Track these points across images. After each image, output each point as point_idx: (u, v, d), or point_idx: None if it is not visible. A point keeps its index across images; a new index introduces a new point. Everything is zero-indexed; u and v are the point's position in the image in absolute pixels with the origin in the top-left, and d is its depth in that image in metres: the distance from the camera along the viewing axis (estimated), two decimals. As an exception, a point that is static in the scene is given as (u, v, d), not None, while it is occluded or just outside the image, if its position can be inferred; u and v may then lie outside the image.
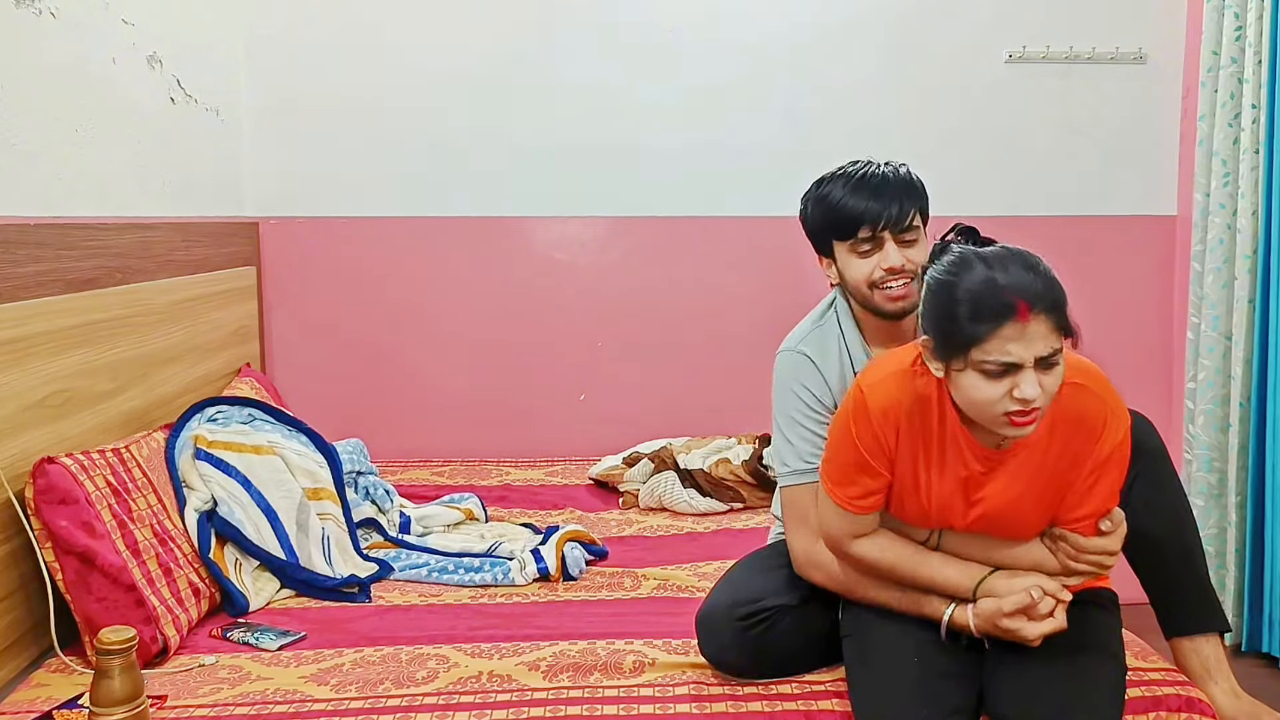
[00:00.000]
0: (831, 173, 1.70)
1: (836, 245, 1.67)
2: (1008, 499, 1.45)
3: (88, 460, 1.76)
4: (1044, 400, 1.32)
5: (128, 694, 1.34)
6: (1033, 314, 1.29)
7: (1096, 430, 1.42)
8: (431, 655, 1.73)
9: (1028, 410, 1.31)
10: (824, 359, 1.69)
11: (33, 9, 1.90)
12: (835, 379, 1.69)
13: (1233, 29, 2.69)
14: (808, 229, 1.72)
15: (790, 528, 1.66)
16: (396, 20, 2.98)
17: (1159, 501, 1.71)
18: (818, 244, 1.72)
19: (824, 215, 1.67)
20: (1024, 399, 1.30)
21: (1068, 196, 3.12)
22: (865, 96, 3.05)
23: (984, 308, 1.30)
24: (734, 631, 1.59)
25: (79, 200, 2.06)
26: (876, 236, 1.63)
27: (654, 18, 3.01)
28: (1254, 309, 2.66)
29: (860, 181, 1.64)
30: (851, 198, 1.63)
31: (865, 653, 1.53)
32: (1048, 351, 1.30)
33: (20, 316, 1.74)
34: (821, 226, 1.68)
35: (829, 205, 1.65)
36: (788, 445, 1.68)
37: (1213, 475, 2.80)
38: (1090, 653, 1.47)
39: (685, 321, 3.09)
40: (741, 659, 1.60)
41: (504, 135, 3.01)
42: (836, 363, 1.70)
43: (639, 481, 2.66)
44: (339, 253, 3.03)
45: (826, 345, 1.71)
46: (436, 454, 3.03)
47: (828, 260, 1.71)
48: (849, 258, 1.66)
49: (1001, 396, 1.31)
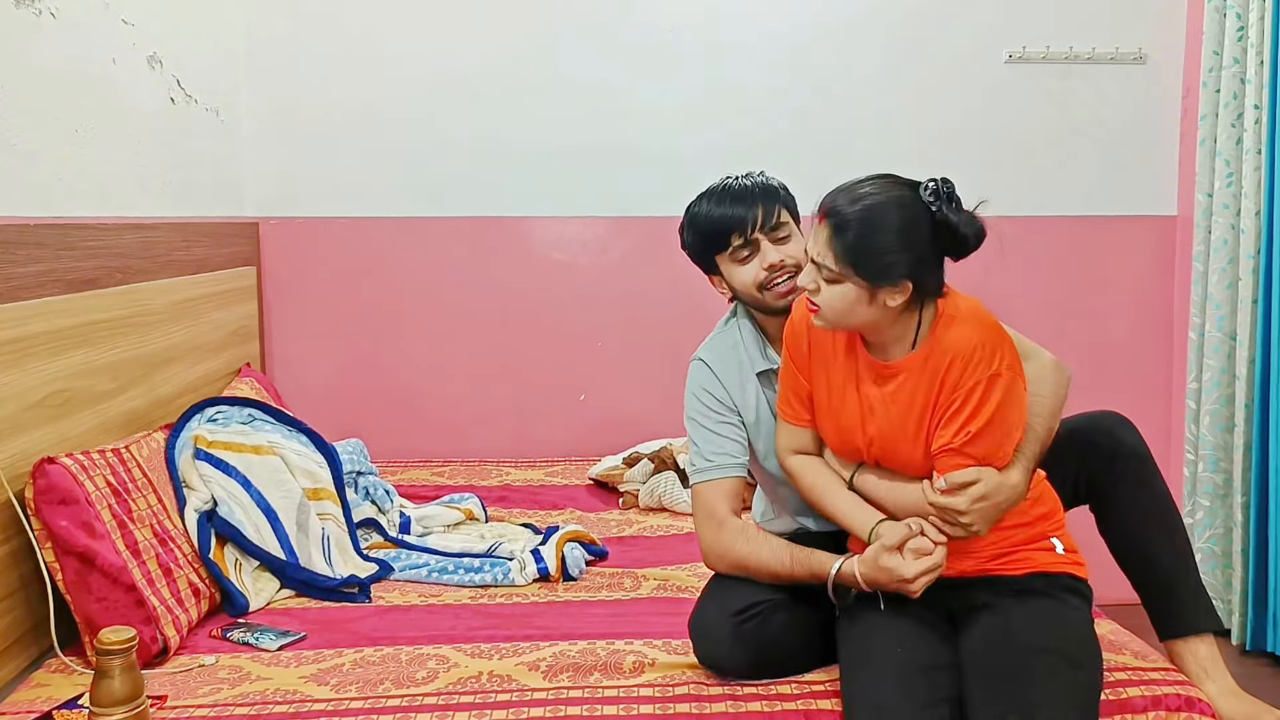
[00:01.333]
0: (699, 194, 1.77)
1: (719, 259, 1.74)
2: (891, 421, 1.52)
3: (88, 460, 1.76)
4: (820, 300, 1.47)
5: (128, 694, 1.34)
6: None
7: (967, 360, 1.45)
8: (431, 655, 1.73)
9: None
10: (721, 364, 1.76)
11: (33, 9, 1.90)
12: (734, 381, 1.75)
13: (1234, 29, 2.69)
14: (691, 254, 1.79)
15: (698, 523, 1.72)
16: (397, 21, 2.98)
17: (1143, 501, 1.73)
18: (703, 264, 1.78)
19: (698, 233, 1.74)
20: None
21: (1068, 196, 3.11)
22: (865, 96, 3.05)
23: None
24: (730, 629, 1.60)
25: (79, 200, 2.06)
26: (750, 240, 1.70)
27: (654, 18, 3.01)
28: (1258, 309, 2.66)
29: (722, 194, 1.72)
30: (717, 209, 1.71)
31: (852, 650, 1.54)
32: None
33: (20, 316, 1.74)
34: (700, 245, 1.75)
35: (700, 223, 1.74)
36: (693, 447, 1.75)
37: (1218, 475, 2.80)
38: (1059, 655, 1.45)
39: (685, 322, 3.07)
40: (739, 657, 1.60)
41: (504, 135, 3.01)
42: (735, 367, 1.76)
43: (639, 481, 2.65)
44: (339, 253, 3.03)
45: (724, 352, 1.78)
46: (436, 454, 3.03)
47: (717, 278, 1.78)
48: (732, 267, 1.73)
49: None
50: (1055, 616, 1.50)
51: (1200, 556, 2.83)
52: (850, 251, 1.41)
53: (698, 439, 1.74)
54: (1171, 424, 3.11)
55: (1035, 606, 1.51)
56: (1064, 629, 1.49)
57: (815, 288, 1.47)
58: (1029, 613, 1.50)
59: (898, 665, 1.46)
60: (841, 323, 1.48)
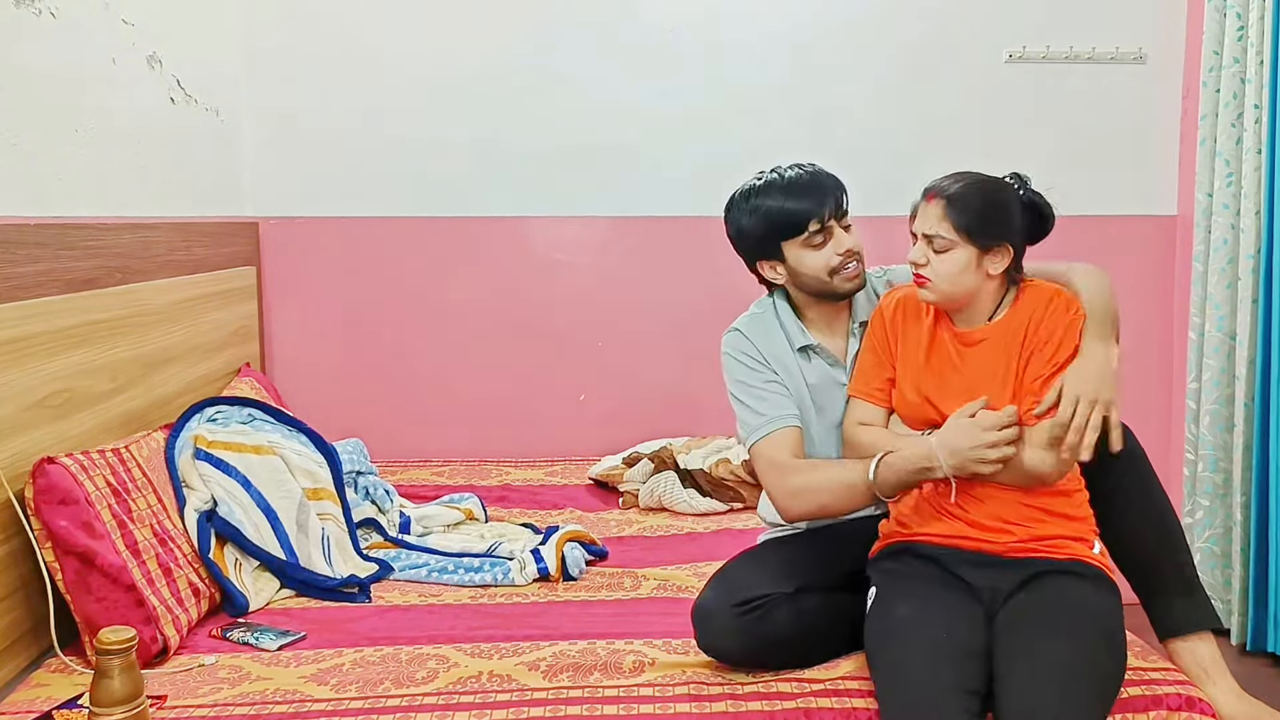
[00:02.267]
0: (753, 186, 1.83)
1: (787, 245, 1.79)
2: (976, 380, 1.64)
3: (88, 460, 1.76)
4: (930, 272, 1.62)
5: (128, 694, 1.34)
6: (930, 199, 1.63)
7: (1047, 305, 1.66)
8: (431, 655, 1.73)
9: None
10: (759, 335, 1.83)
11: (33, 9, 1.90)
12: (772, 352, 1.81)
13: (1234, 29, 2.69)
14: (747, 239, 1.83)
15: (766, 479, 1.74)
16: (397, 21, 2.97)
17: (1142, 504, 1.74)
18: (762, 250, 1.82)
19: (769, 221, 1.79)
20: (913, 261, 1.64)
21: (1068, 196, 3.09)
22: (865, 96, 3.05)
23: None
24: (731, 619, 1.61)
25: (79, 200, 2.06)
26: (825, 227, 1.77)
27: (654, 18, 3.01)
28: (1258, 309, 2.66)
29: (794, 184, 1.79)
30: (793, 200, 1.77)
31: (887, 625, 1.54)
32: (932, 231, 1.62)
33: (20, 316, 1.74)
34: (767, 232, 1.80)
35: (773, 211, 1.79)
36: (744, 408, 1.78)
37: (1218, 475, 2.80)
38: (1090, 617, 1.50)
39: (685, 322, 3.09)
40: (739, 647, 1.62)
41: (504, 135, 3.01)
42: (774, 339, 1.83)
43: (639, 481, 2.65)
44: (339, 253, 3.03)
45: (762, 326, 1.84)
46: (436, 454, 3.03)
47: (772, 262, 1.82)
48: (803, 253, 1.78)
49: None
50: (1094, 599, 1.53)
51: (1200, 556, 2.83)
52: (964, 217, 1.60)
53: (747, 399, 1.77)
54: (1172, 424, 3.11)
55: (1075, 585, 1.54)
56: (1101, 614, 1.52)
57: (925, 261, 1.62)
58: (1068, 588, 1.53)
59: (932, 646, 1.47)
60: (950, 290, 1.62)
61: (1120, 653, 1.51)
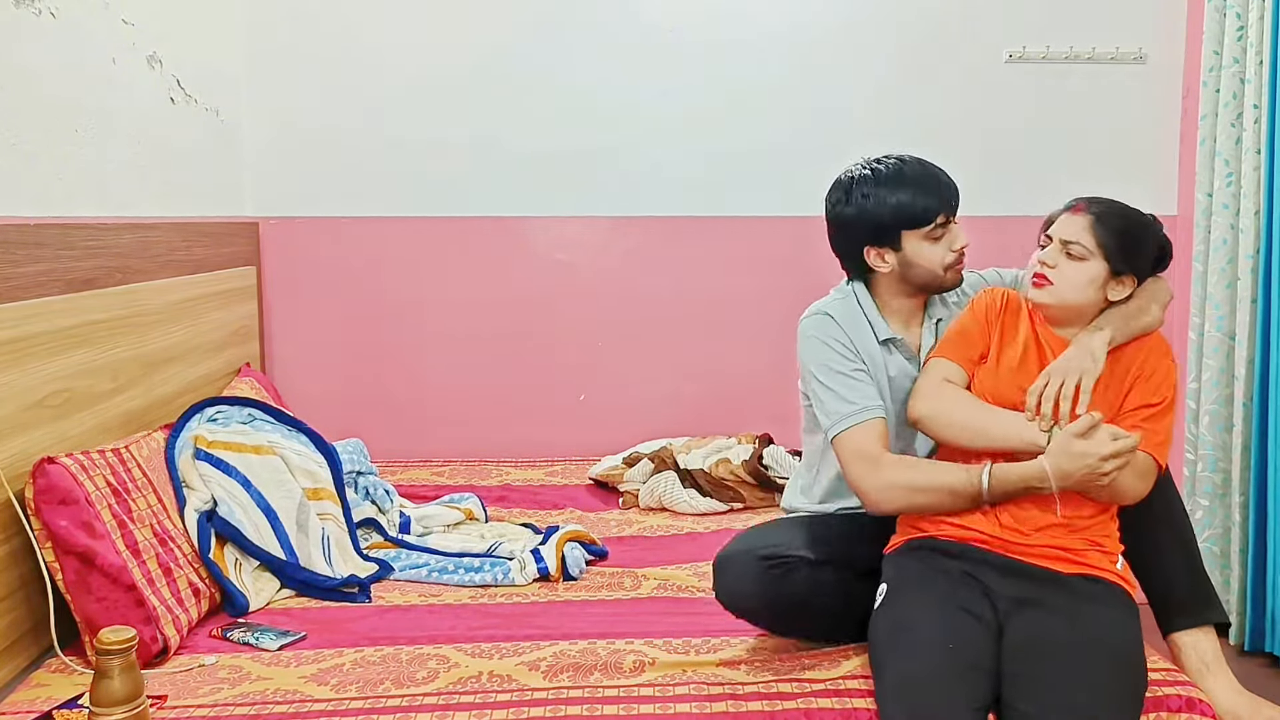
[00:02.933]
0: (875, 172, 1.81)
1: (907, 235, 1.78)
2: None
3: (88, 460, 1.76)
4: (1057, 275, 1.68)
5: (128, 694, 1.34)
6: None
7: (1155, 345, 1.71)
8: (432, 655, 1.73)
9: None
10: (847, 321, 1.81)
11: (33, 9, 1.89)
12: (859, 341, 1.80)
13: (1234, 29, 2.69)
14: (863, 224, 1.80)
15: (854, 470, 1.70)
16: (397, 20, 2.98)
17: (1152, 497, 1.72)
18: (878, 237, 1.80)
19: (898, 210, 1.77)
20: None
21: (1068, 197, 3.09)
22: (865, 96, 3.05)
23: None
24: (754, 568, 1.64)
25: (79, 200, 2.06)
26: (946, 223, 1.80)
27: (654, 18, 3.01)
28: (1257, 309, 2.66)
29: (921, 177, 1.80)
30: (921, 193, 1.78)
31: (894, 631, 1.54)
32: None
33: (20, 316, 1.74)
34: (893, 220, 1.78)
35: (904, 202, 1.77)
36: (831, 394, 1.75)
37: (1217, 475, 2.79)
38: (1110, 656, 1.48)
39: (685, 321, 3.09)
40: (753, 595, 1.65)
41: (504, 135, 3.01)
42: (860, 329, 1.81)
43: (639, 481, 2.65)
44: (339, 253, 3.03)
45: (849, 315, 1.82)
46: (436, 454, 3.03)
47: (884, 250, 1.80)
48: (922, 245, 1.79)
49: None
50: (1111, 622, 1.52)
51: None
52: (1109, 235, 1.67)
53: (836, 385, 1.74)
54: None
55: (1092, 609, 1.53)
56: (1121, 637, 1.51)
57: (1055, 264, 1.69)
58: (1084, 612, 1.52)
59: (940, 661, 1.46)
60: (1070, 299, 1.68)
61: (1139, 675, 1.49)
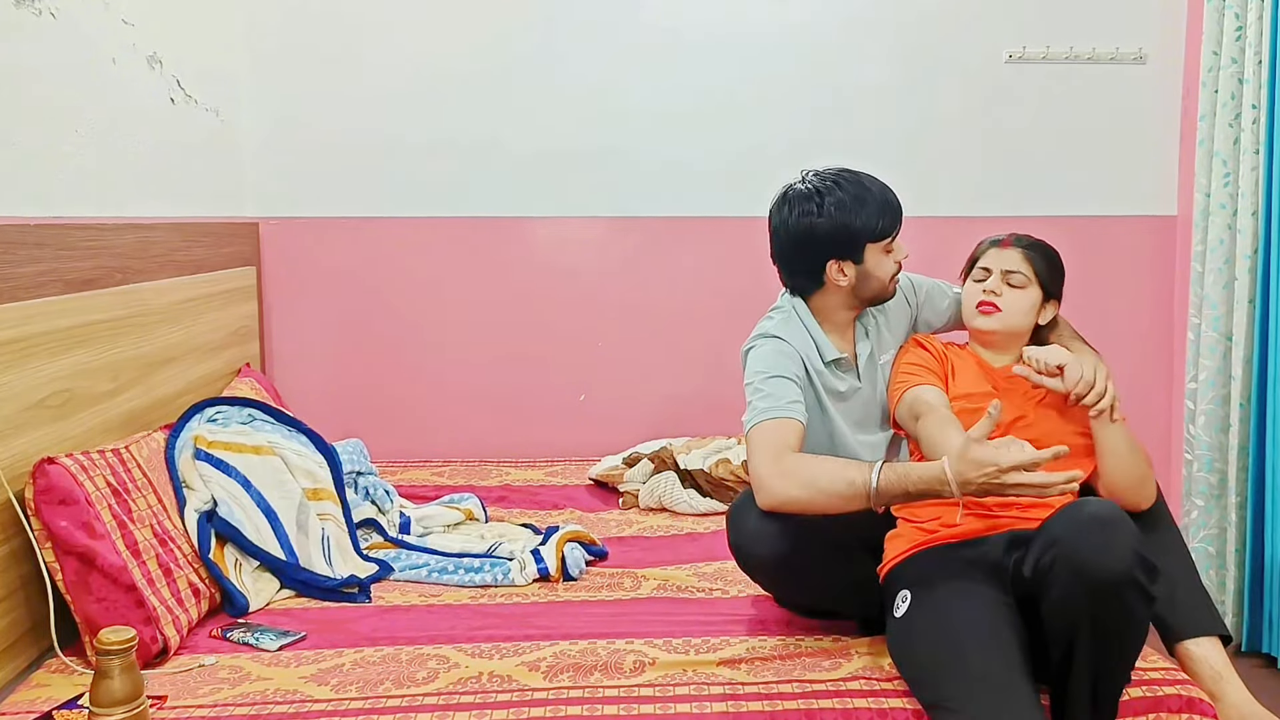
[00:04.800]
0: (838, 183, 1.82)
1: (871, 248, 1.82)
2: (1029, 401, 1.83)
3: (88, 460, 1.76)
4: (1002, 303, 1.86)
5: (128, 694, 1.34)
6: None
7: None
8: (432, 655, 1.73)
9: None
10: (800, 345, 1.84)
11: (33, 9, 1.89)
12: (810, 363, 1.83)
13: (1233, 29, 2.69)
14: (831, 237, 1.81)
15: (757, 455, 1.67)
16: (397, 20, 2.97)
17: (1148, 513, 1.77)
18: (842, 250, 1.82)
19: (868, 220, 1.80)
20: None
21: (1068, 196, 3.12)
22: (865, 97, 3.05)
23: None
24: (767, 517, 1.64)
25: (79, 200, 2.06)
26: (895, 235, 1.85)
27: (654, 18, 3.01)
28: (1254, 309, 2.66)
29: (882, 189, 1.83)
30: (886, 205, 1.82)
31: (944, 624, 1.54)
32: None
33: (20, 316, 1.74)
34: (860, 232, 1.81)
35: (872, 212, 1.80)
36: (758, 394, 1.76)
37: (1213, 475, 2.80)
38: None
39: (685, 322, 3.09)
40: (772, 542, 1.65)
41: (504, 135, 3.01)
42: (809, 352, 1.84)
43: (639, 482, 2.65)
44: (339, 253, 3.03)
45: (797, 337, 1.85)
46: (436, 454, 3.03)
47: (845, 263, 1.83)
48: (881, 257, 1.84)
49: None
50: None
51: (1195, 557, 2.82)
52: (1041, 265, 1.86)
53: (769, 387, 1.75)
54: (1172, 424, 3.12)
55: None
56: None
57: (1000, 293, 1.85)
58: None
59: (999, 642, 1.49)
60: (1013, 324, 1.85)
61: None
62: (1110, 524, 1.43)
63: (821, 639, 1.76)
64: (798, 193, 1.84)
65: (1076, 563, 1.40)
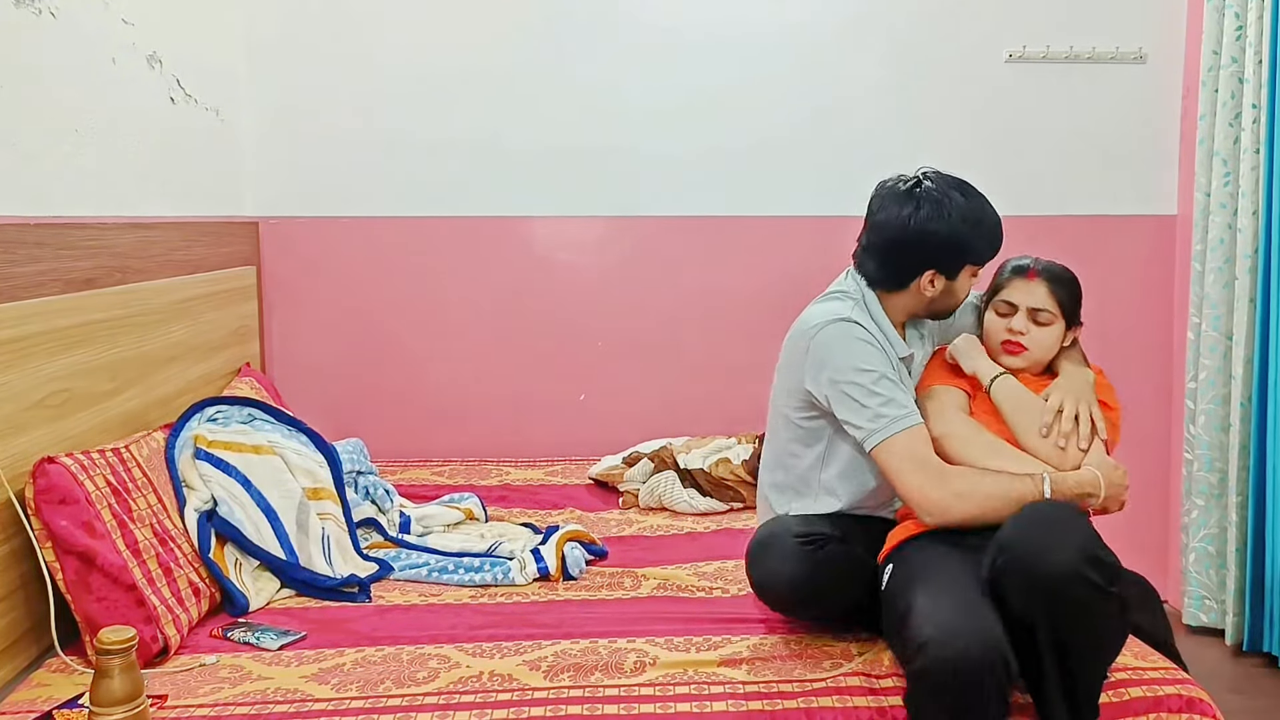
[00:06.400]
0: (964, 194, 1.80)
1: (967, 269, 1.83)
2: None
3: (88, 460, 1.76)
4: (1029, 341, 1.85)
5: (128, 694, 1.34)
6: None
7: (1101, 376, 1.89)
8: (432, 655, 1.73)
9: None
10: (876, 333, 1.80)
11: (33, 9, 1.89)
12: (887, 353, 1.80)
13: (1233, 29, 2.69)
14: (953, 247, 1.79)
15: (913, 478, 1.67)
16: (397, 20, 2.97)
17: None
18: (952, 264, 1.81)
19: (981, 243, 1.81)
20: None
21: (1068, 196, 3.12)
22: (865, 97, 3.05)
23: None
24: (792, 546, 1.67)
25: (79, 200, 2.06)
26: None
27: (655, 18, 3.01)
28: (1255, 308, 2.66)
29: (995, 213, 1.83)
30: (995, 229, 1.82)
31: (916, 573, 1.59)
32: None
33: (20, 316, 1.74)
34: (970, 252, 1.81)
35: (985, 234, 1.81)
36: (879, 397, 1.71)
37: (1213, 475, 2.80)
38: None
39: (685, 321, 3.09)
40: (796, 575, 1.66)
41: (504, 135, 3.01)
42: (883, 344, 1.80)
43: (639, 481, 2.65)
44: (339, 253, 3.03)
45: (871, 326, 1.80)
46: (436, 454, 3.03)
47: (939, 275, 1.81)
48: (968, 280, 1.85)
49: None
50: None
51: (1195, 556, 2.84)
52: (1065, 296, 1.83)
53: (881, 389, 1.71)
54: (1171, 424, 3.12)
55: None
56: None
57: (1026, 331, 1.82)
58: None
59: (968, 585, 1.52)
60: (1041, 359, 1.85)
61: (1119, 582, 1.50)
62: (1058, 523, 1.47)
63: (822, 638, 1.76)
64: (926, 192, 1.79)
65: (1025, 565, 1.44)
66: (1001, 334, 1.84)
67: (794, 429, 1.86)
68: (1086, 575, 1.41)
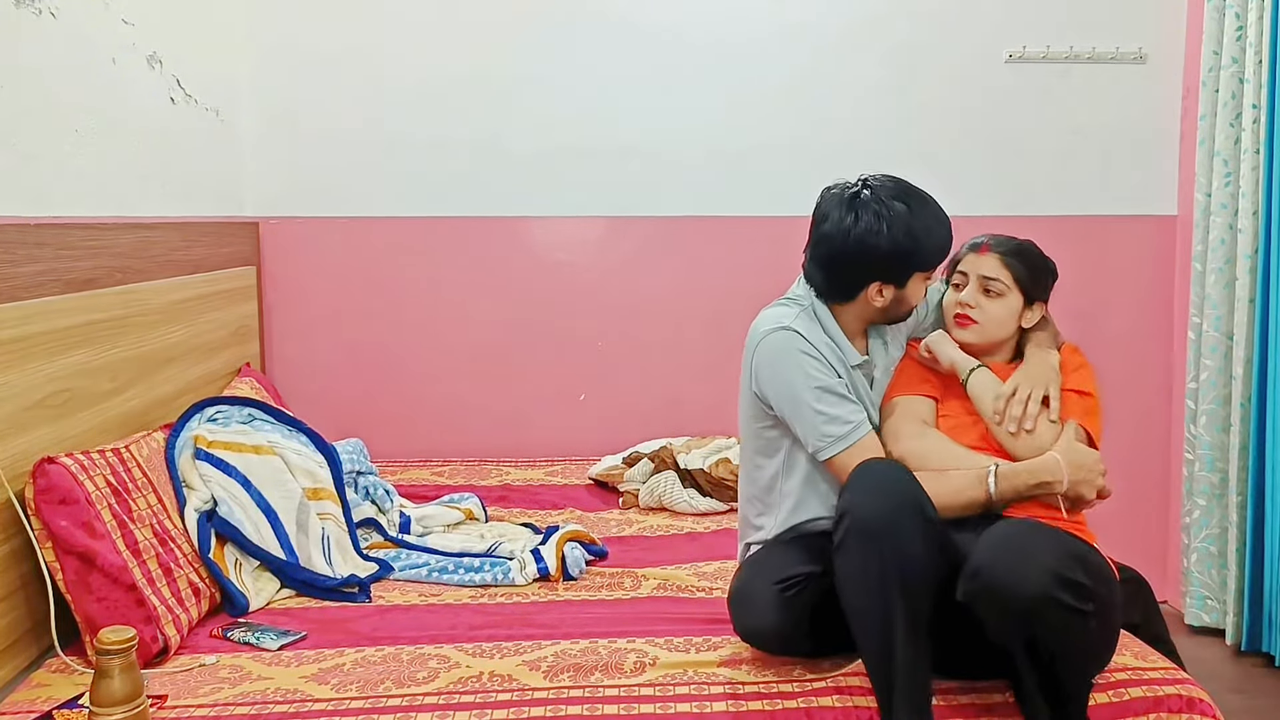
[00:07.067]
0: (903, 200, 1.72)
1: (916, 276, 1.77)
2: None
3: (88, 460, 1.76)
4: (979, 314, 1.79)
5: (128, 694, 1.34)
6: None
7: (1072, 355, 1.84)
8: (432, 655, 1.73)
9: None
10: (817, 341, 1.76)
11: (33, 9, 1.89)
12: (833, 364, 1.76)
13: (1233, 29, 2.69)
14: (897, 259, 1.73)
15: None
16: (397, 20, 2.97)
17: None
18: (899, 274, 1.75)
19: (927, 253, 1.75)
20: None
21: (1068, 196, 3.12)
22: (866, 97, 3.05)
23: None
24: (772, 596, 1.62)
25: (79, 200, 2.06)
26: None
27: (654, 18, 3.01)
28: (1255, 309, 2.66)
29: (943, 218, 1.76)
30: (944, 237, 1.75)
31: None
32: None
33: (20, 316, 1.74)
34: (916, 263, 1.75)
35: (933, 245, 1.74)
36: (821, 415, 1.70)
37: (1214, 475, 2.80)
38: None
39: (685, 321, 3.09)
40: (780, 624, 1.62)
41: (504, 135, 3.01)
42: (829, 352, 1.76)
43: (639, 481, 2.65)
44: (339, 253, 3.03)
45: (815, 335, 1.77)
46: (436, 454, 3.03)
47: (887, 285, 1.76)
48: (920, 285, 1.79)
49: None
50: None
51: (1196, 556, 2.83)
52: (1020, 269, 1.78)
53: (826, 406, 1.69)
54: (1172, 424, 3.12)
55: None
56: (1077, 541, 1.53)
57: (975, 304, 1.78)
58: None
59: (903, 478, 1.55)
60: (994, 334, 1.79)
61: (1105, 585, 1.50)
62: (1026, 546, 1.43)
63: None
64: (865, 202, 1.72)
65: (995, 591, 1.42)
66: (954, 307, 1.81)
67: (755, 440, 1.83)
68: (1059, 598, 1.38)
